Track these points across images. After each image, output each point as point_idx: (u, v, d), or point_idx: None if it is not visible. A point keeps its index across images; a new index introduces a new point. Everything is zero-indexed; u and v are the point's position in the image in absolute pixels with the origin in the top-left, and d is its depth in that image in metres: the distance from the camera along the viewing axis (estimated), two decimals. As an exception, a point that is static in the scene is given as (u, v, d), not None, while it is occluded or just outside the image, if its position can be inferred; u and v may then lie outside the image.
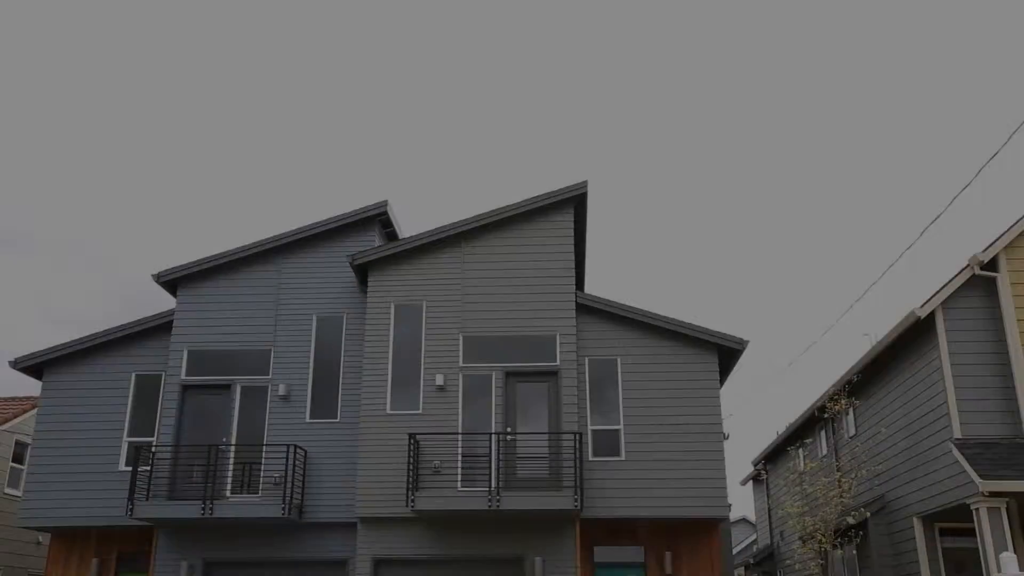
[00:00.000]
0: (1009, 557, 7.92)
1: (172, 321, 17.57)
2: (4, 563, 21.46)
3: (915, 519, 16.86)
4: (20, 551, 21.79)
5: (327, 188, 76.74)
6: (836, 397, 16.95)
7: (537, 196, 17.19)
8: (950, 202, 14.60)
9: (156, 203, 67.07)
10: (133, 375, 17.68)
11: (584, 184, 17.22)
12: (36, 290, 61.44)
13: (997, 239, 15.88)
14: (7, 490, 21.76)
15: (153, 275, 17.67)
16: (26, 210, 60.53)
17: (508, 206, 17.18)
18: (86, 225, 67.89)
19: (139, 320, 17.88)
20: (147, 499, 16.02)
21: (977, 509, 14.26)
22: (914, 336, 16.68)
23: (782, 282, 78.12)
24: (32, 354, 17.69)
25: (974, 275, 15.84)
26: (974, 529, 14.52)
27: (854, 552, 19.04)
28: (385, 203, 18.00)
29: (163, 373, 17.48)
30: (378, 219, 18.11)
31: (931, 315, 15.89)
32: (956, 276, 16.00)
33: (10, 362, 17.65)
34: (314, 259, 17.91)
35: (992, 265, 15.83)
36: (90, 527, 16.99)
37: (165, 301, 18.48)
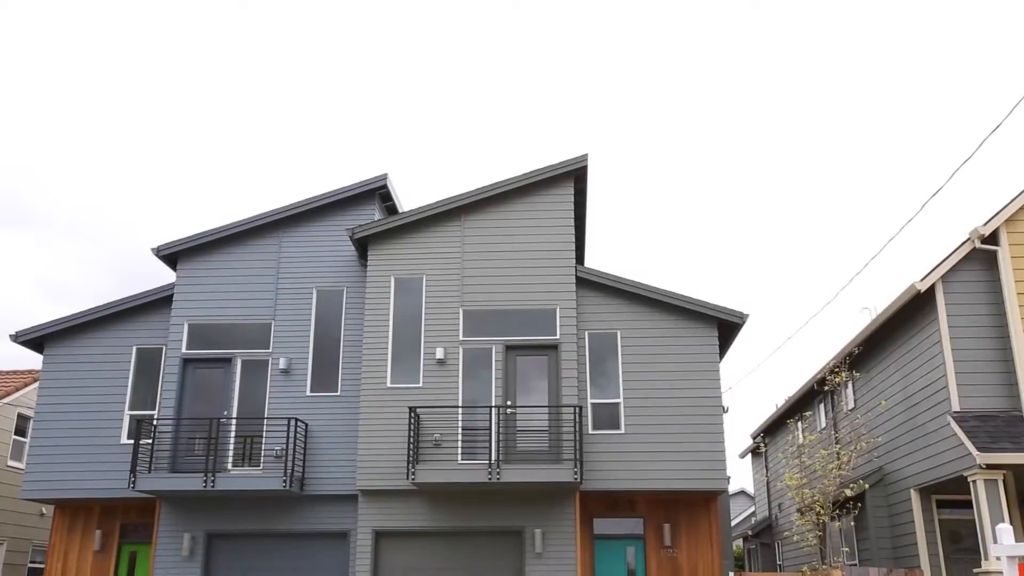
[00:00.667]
0: (1005, 528, 7.97)
1: (172, 295, 17.59)
2: (8, 535, 21.63)
3: (912, 491, 16.97)
4: (24, 523, 21.96)
5: (327, 161, 76.53)
6: (836, 370, 16.99)
7: (537, 169, 17.14)
8: (951, 175, 14.55)
9: (154, 176, 66.90)
10: (134, 348, 17.73)
11: (584, 157, 17.15)
12: (33, 264, 61.45)
13: (998, 212, 15.86)
14: (10, 463, 21.88)
15: (153, 249, 17.67)
16: (24, 184, 60.40)
17: (508, 179, 17.12)
18: (84, 199, 67.77)
19: (140, 294, 17.89)
20: (149, 472, 16.12)
21: (974, 481, 14.35)
22: (914, 309, 16.71)
23: (782, 256, 78.09)
24: (33, 327, 17.73)
25: (975, 248, 15.84)
26: (971, 501, 14.63)
27: (852, 524, 19.19)
28: (385, 176, 17.94)
29: (164, 346, 17.52)
30: (378, 192, 18.07)
31: (931, 288, 15.91)
32: (957, 250, 16.00)
33: (11, 335, 17.69)
34: (314, 233, 17.89)
35: (993, 239, 15.82)
36: (93, 499, 17.11)
37: (164, 275, 18.48)
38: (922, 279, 15.91)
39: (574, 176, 17.34)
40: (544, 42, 64.58)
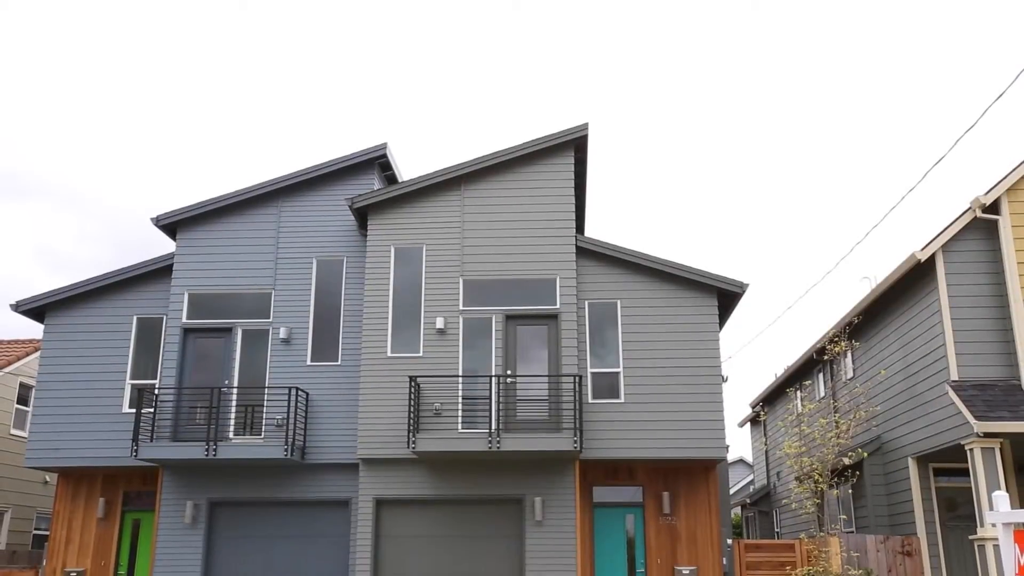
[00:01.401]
0: (1002, 495, 8.00)
1: (172, 264, 17.58)
2: (13, 502, 21.82)
3: (910, 459, 17.08)
4: (28, 490, 22.14)
5: (326, 132, 76.21)
6: (836, 339, 17.02)
7: (537, 139, 17.05)
8: (953, 144, 14.46)
9: (152, 147, 66.59)
10: (134, 318, 17.75)
11: (584, 127, 17.06)
12: (31, 235, 61.37)
13: (1000, 181, 15.80)
14: (13, 431, 22.01)
15: (152, 218, 17.64)
16: (22, 154, 60.14)
17: (508, 148, 17.04)
18: (81, 170, 67.52)
19: (140, 263, 17.88)
20: (151, 440, 16.21)
21: (972, 449, 14.43)
22: (914, 279, 16.71)
23: (783, 225, 77.94)
24: (34, 297, 17.74)
25: (976, 218, 15.81)
26: (968, 469, 14.71)
27: (850, 492, 19.31)
28: (384, 146, 17.86)
29: (164, 316, 17.54)
30: (377, 162, 18.00)
31: (931, 258, 15.90)
32: (957, 219, 15.96)
33: (11, 305, 17.71)
34: (313, 202, 17.84)
35: (994, 208, 15.78)
36: (96, 467, 17.22)
37: (162, 246, 18.45)
38: (922, 248, 15.89)
39: (574, 145, 17.25)
40: (544, 12, 64.00)
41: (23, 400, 22.18)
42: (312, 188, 17.84)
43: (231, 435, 16.57)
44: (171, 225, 17.72)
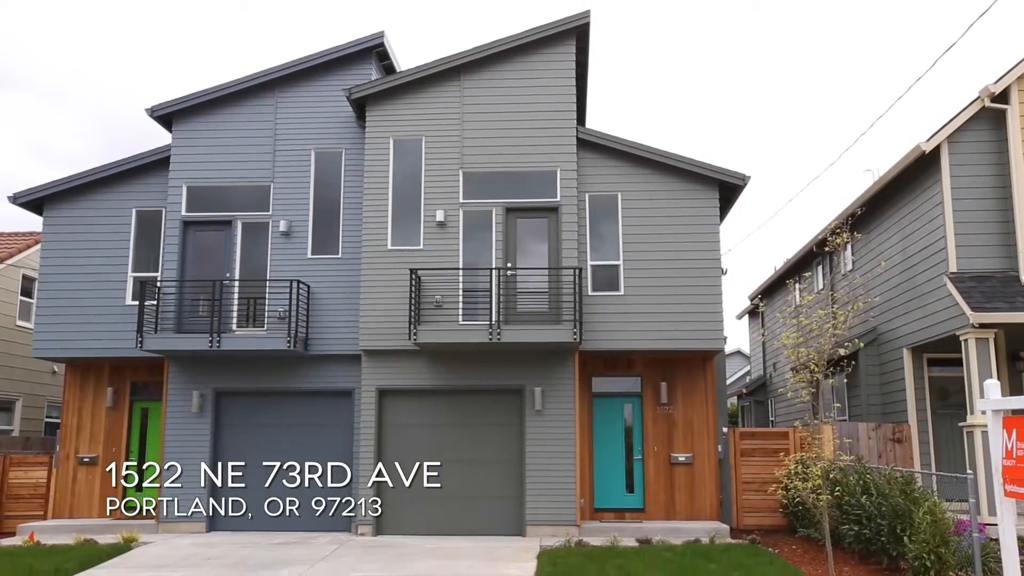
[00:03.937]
0: (993, 383, 8.17)
1: (170, 156, 17.42)
2: (24, 391, 22.27)
3: (905, 350, 17.30)
4: (38, 380, 22.56)
5: (323, 22, 74.28)
6: (837, 231, 16.98)
7: (538, 27, 16.64)
8: (964, 31, 14.12)
9: (145, 41, 65.03)
10: (134, 211, 17.71)
11: (586, 14, 16.61)
12: (22, 128, 60.60)
13: (1010, 70, 15.47)
14: (19, 322, 22.26)
15: (147, 109, 17.40)
16: (15, 48, 58.80)
17: (508, 37, 16.65)
18: (73, 62, 66.13)
19: (137, 155, 17.72)
20: (155, 332, 16.40)
21: (966, 340, 14.60)
22: (918, 170, 16.57)
23: (786, 117, 76.81)
24: (32, 189, 17.66)
25: (984, 107, 15.55)
26: (961, 359, 14.93)
27: (844, 381, 19.65)
28: (381, 34, 17.44)
29: (163, 209, 17.49)
30: (375, 51, 17.61)
31: (936, 149, 15.73)
32: (965, 109, 15.70)
33: (9, 197, 17.64)
34: (310, 93, 17.55)
35: (1003, 97, 15.51)
36: (102, 358, 17.48)
37: (155, 141, 18.23)
38: (928, 139, 15.70)
39: (575, 34, 16.84)
40: None
41: (27, 292, 22.34)
42: (309, 79, 17.52)
43: (234, 327, 16.75)
44: (166, 116, 17.47)
